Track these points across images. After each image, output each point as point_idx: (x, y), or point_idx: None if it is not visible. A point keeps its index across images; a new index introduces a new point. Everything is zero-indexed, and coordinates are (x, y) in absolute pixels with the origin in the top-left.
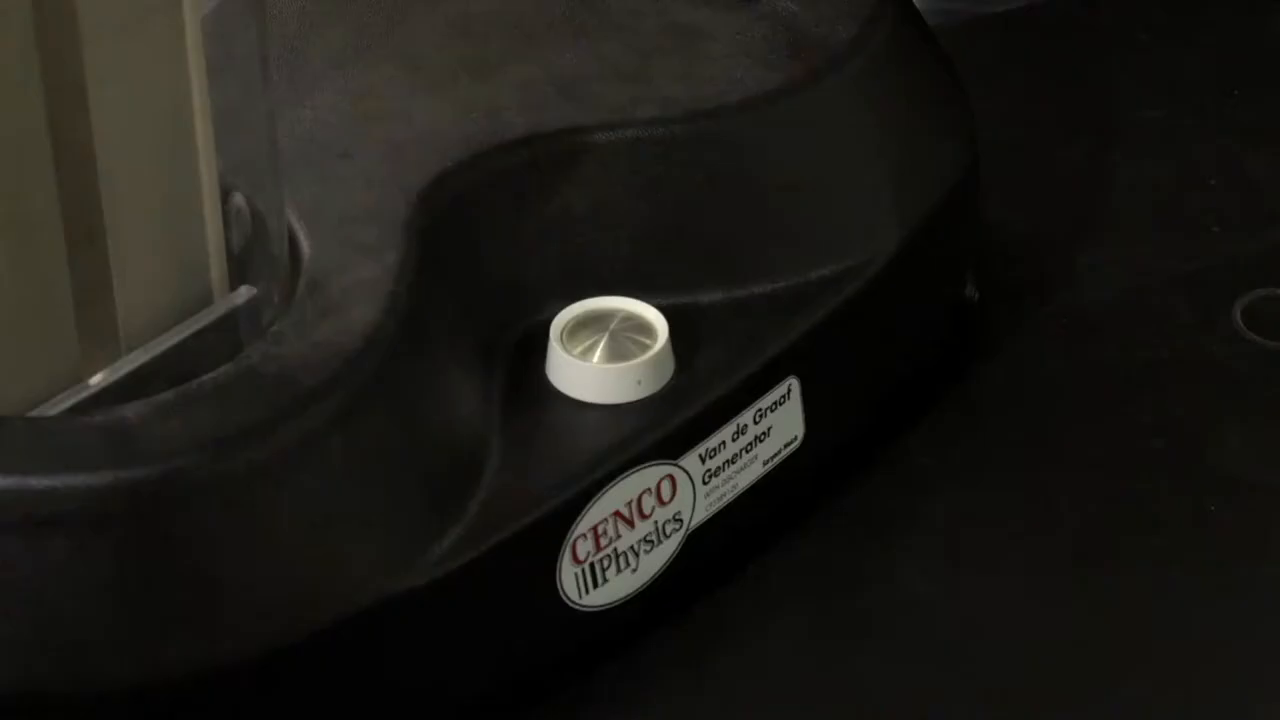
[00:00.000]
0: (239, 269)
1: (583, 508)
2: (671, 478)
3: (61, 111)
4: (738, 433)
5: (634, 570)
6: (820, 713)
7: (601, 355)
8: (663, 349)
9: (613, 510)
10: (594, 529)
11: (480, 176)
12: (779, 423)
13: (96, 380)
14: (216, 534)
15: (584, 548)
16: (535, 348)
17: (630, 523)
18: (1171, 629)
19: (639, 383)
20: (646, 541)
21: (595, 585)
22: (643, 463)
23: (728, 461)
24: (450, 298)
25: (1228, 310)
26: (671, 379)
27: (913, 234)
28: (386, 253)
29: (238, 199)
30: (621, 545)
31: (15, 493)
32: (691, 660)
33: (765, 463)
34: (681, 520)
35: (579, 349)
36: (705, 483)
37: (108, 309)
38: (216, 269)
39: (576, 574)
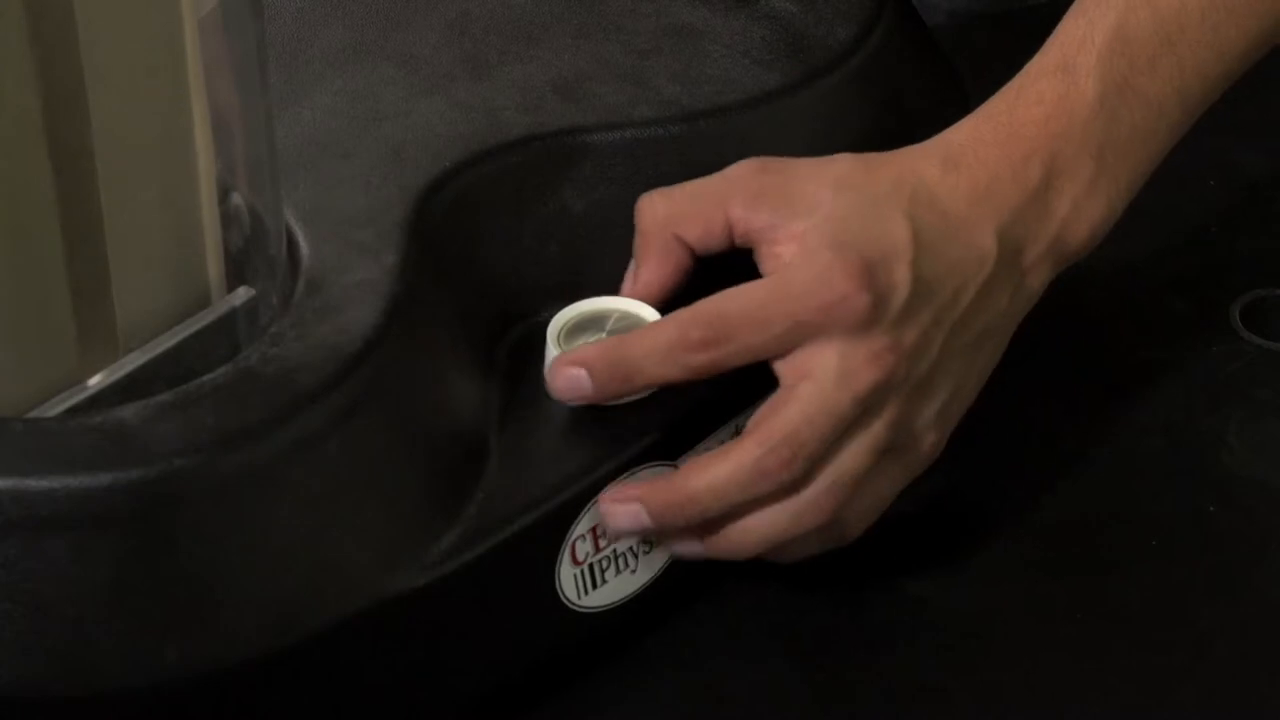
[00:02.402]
0: (237, 270)
1: (582, 509)
2: None
3: (59, 112)
4: (737, 433)
5: (633, 571)
6: (820, 712)
7: None
8: None
9: None
10: (593, 530)
11: (479, 177)
12: None
13: (95, 381)
14: (215, 535)
15: (583, 549)
16: (534, 348)
17: None
18: (1171, 629)
19: None
20: (645, 542)
21: (594, 586)
22: (642, 463)
23: None
24: (449, 298)
25: (1227, 310)
26: None
27: None
28: (385, 253)
29: (236, 199)
30: (620, 546)
31: (15, 493)
32: (691, 660)
33: None
34: None
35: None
36: None
37: (106, 310)
38: (214, 270)
39: (575, 575)
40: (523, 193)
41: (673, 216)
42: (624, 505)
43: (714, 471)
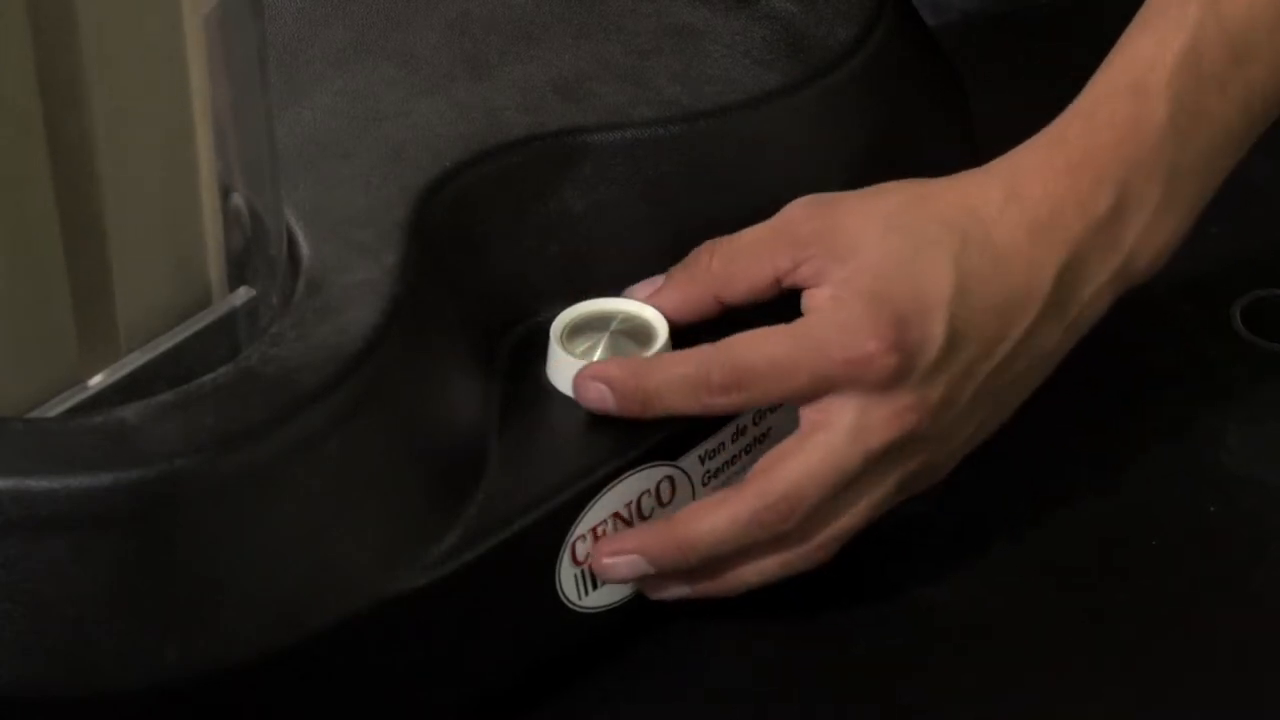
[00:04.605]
0: (238, 270)
1: (582, 509)
2: (671, 479)
3: (60, 112)
4: (737, 433)
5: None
6: (820, 712)
7: (601, 356)
8: (662, 349)
9: (612, 511)
10: (593, 530)
11: (480, 177)
12: (778, 424)
13: (96, 381)
14: (216, 535)
15: (583, 549)
16: (534, 348)
17: (630, 524)
18: (1171, 629)
19: None
20: None
21: (594, 586)
22: (642, 464)
23: (727, 462)
24: (449, 299)
25: (1227, 311)
26: None
27: None
28: (385, 254)
29: (236, 199)
30: None
31: (15, 493)
32: (691, 660)
33: None
34: None
35: (579, 349)
36: (705, 484)
37: (107, 310)
38: (215, 270)
39: (576, 575)
40: (523, 193)
41: (724, 276)
42: (623, 557)
43: (711, 521)
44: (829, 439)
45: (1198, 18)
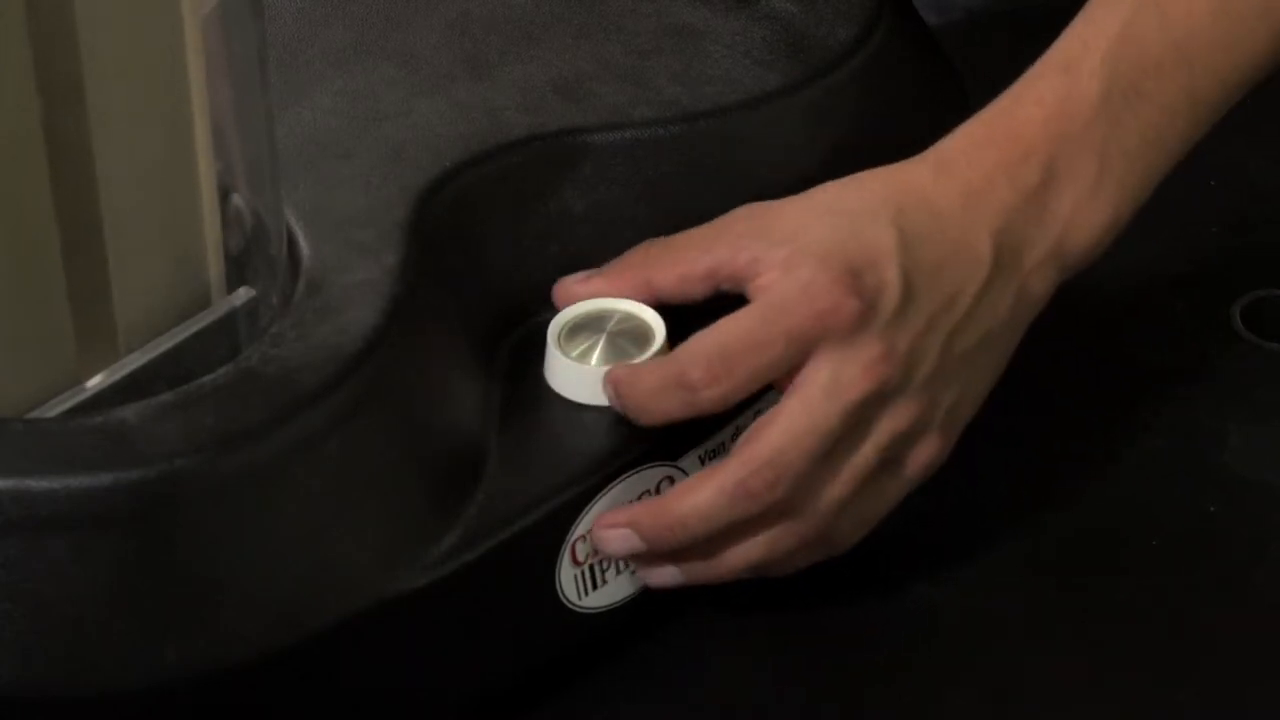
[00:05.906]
0: (237, 270)
1: (582, 509)
2: (671, 479)
3: (58, 112)
4: (737, 433)
5: (633, 572)
6: (821, 712)
7: (599, 357)
8: (660, 350)
9: None
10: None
11: (480, 177)
12: None
13: (95, 382)
14: (216, 535)
15: (583, 549)
16: (534, 348)
17: None
18: (1171, 629)
19: None
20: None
21: (594, 587)
22: (642, 464)
23: None
24: (449, 299)
25: (1227, 311)
26: None
27: None
28: (385, 254)
29: (236, 200)
30: None
31: (15, 493)
32: (691, 661)
33: None
34: None
35: (576, 351)
36: None
37: (106, 310)
38: (215, 270)
39: (576, 575)
40: (523, 193)
41: (659, 260)
42: (616, 530)
43: (698, 494)
44: (806, 399)
45: (1135, 5)
